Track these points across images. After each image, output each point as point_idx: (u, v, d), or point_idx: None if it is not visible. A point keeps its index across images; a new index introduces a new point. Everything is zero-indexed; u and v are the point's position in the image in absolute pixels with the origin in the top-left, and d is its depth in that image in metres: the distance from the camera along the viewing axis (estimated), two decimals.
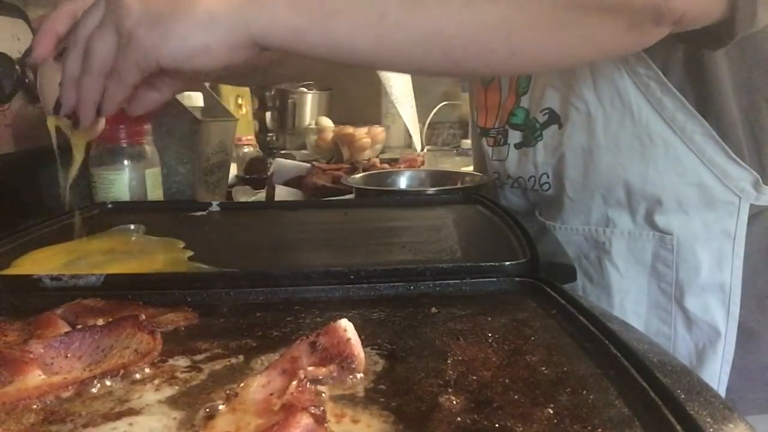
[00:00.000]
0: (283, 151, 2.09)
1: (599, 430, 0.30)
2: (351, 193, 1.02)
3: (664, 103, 0.69)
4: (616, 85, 0.70)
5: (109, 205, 0.85)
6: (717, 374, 0.71)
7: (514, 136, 0.82)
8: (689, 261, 0.71)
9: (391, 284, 0.51)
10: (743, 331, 0.71)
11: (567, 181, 0.77)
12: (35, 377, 0.36)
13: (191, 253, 0.62)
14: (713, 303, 0.71)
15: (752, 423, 0.31)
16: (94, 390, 0.35)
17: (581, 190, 0.76)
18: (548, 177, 0.79)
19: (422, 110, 2.21)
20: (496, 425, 0.31)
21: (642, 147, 0.71)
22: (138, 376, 0.37)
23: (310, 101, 2.35)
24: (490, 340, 0.41)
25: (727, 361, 0.71)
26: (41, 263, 0.59)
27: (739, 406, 0.68)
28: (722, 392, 0.72)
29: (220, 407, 0.32)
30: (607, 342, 0.39)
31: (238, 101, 1.80)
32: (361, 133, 1.84)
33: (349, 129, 1.86)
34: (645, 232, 0.73)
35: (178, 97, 1.07)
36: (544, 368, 0.37)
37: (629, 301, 0.74)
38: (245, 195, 1.39)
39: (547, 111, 0.77)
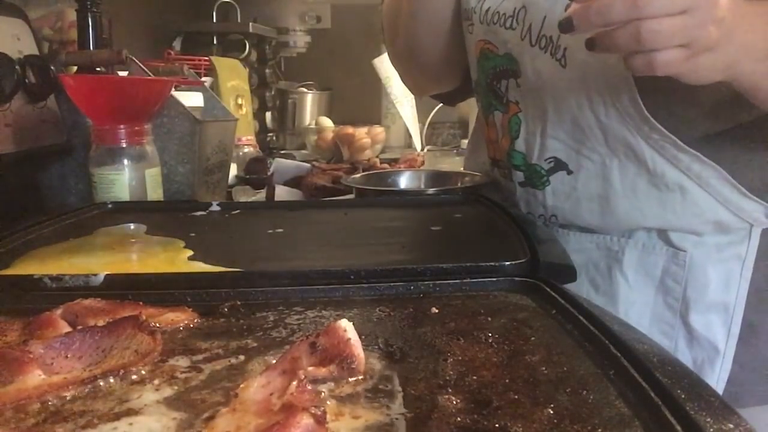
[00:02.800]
0: (283, 151, 2.09)
1: (599, 430, 0.30)
2: (351, 193, 1.02)
3: (680, 158, 0.69)
4: (628, 143, 0.70)
5: (109, 205, 0.85)
6: (714, 387, 0.71)
7: (517, 176, 0.81)
8: (699, 279, 0.71)
9: (391, 284, 0.51)
10: (744, 325, 0.72)
11: (582, 221, 0.76)
12: (35, 377, 0.36)
13: (191, 253, 0.62)
14: (716, 322, 0.72)
15: (754, 414, 0.31)
16: (94, 390, 0.35)
17: (598, 229, 0.76)
18: (557, 218, 0.78)
19: (422, 110, 2.21)
20: (496, 425, 0.31)
21: (659, 193, 0.71)
22: (138, 376, 0.37)
23: (310, 101, 2.35)
24: (490, 340, 0.41)
25: (723, 380, 0.72)
26: (41, 263, 0.59)
27: (741, 398, 0.72)
28: (723, 380, 0.72)
29: (220, 407, 0.32)
30: (607, 342, 0.39)
31: (238, 101, 1.80)
32: (361, 133, 1.84)
33: (349, 129, 1.86)
34: (659, 246, 0.73)
35: (178, 97, 1.07)
36: (544, 368, 0.37)
37: (633, 312, 0.74)
38: (245, 195, 1.39)
39: (552, 159, 0.76)
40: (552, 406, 0.33)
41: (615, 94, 0.68)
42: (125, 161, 0.88)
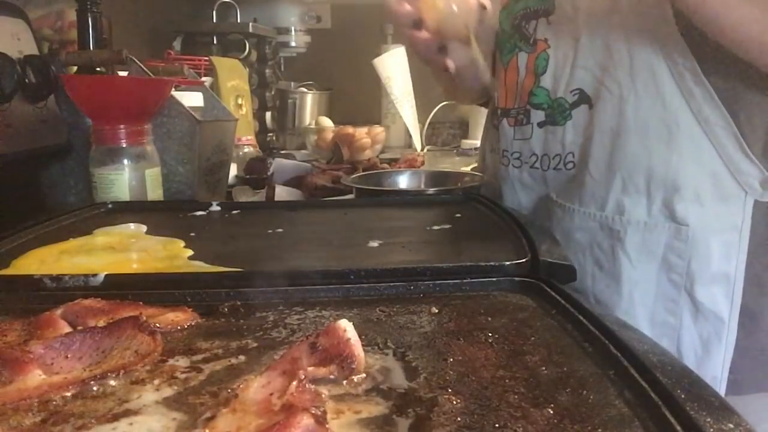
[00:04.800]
0: (283, 151, 2.09)
1: (599, 430, 0.30)
2: (351, 193, 1.02)
3: (694, 93, 0.71)
4: (652, 70, 0.72)
5: (109, 205, 0.85)
6: (721, 362, 0.73)
7: (537, 116, 0.83)
8: (702, 251, 0.73)
9: (391, 284, 0.51)
10: (744, 312, 0.74)
11: (592, 160, 0.78)
12: (35, 377, 0.36)
13: (191, 253, 0.62)
14: (719, 293, 0.73)
15: (755, 401, 0.31)
16: (94, 390, 0.35)
17: (605, 171, 0.77)
18: (574, 156, 0.80)
19: (422, 110, 2.21)
20: (496, 425, 0.31)
21: (668, 133, 0.73)
22: (138, 376, 0.37)
23: (310, 101, 2.35)
24: (490, 340, 0.41)
25: (730, 351, 0.73)
26: (41, 263, 0.59)
27: (742, 385, 0.73)
28: (725, 381, 0.74)
29: (221, 408, 0.32)
30: (607, 342, 0.39)
31: (238, 101, 1.80)
32: (361, 133, 1.84)
33: (349, 129, 1.86)
34: (660, 223, 0.74)
35: (178, 97, 1.07)
36: (544, 368, 0.37)
37: (638, 291, 0.76)
38: (245, 195, 1.39)
39: (577, 91, 0.78)
40: (552, 406, 0.33)
41: (647, 13, 0.71)
42: (125, 161, 0.88)
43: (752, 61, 0.68)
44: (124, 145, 0.88)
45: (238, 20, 2.13)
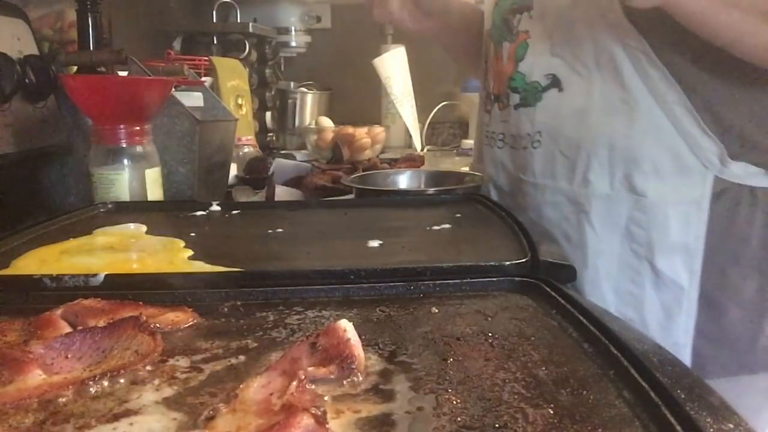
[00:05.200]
0: (283, 151, 2.09)
1: (599, 430, 0.30)
2: (351, 193, 1.02)
3: (650, 74, 0.76)
4: (612, 55, 0.78)
5: (109, 205, 0.85)
6: (684, 329, 0.78)
7: (514, 99, 0.90)
8: (660, 222, 0.78)
9: (391, 284, 0.51)
10: (707, 300, 0.78)
11: (561, 138, 0.84)
12: (35, 377, 0.36)
13: (191, 253, 0.62)
14: (679, 263, 0.78)
15: (718, 386, 0.32)
16: (94, 390, 0.35)
17: (572, 148, 0.83)
18: (541, 135, 0.86)
19: (422, 110, 2.21)
20: (496, 425, 0.31)
21: (629, 110, 0.78)
22: (138, 376, 0.37)
23: (310, 101, 2.35)
24: (490, 340, 0.41)
25: (692, 318, 0.78)
26: (41, 263, 0.59)
27: (705, 369, 0.78)
28: (689, 350, 0.79)
29: (221, 408, 0.32)
30: (607, 342, 0.39)
31: (238, 101, 1.80)
32: (361, 133, 1.84)
33: (349, 129, 1.86)
34: (622, 195, 0.79)
35: (178, 97, 1.07)
36: (544, 368, 0.37)
37: (602, 261, 0.81)
38: (245, 195, 1.39)
39: (550, 76, 0.84)
40: (552, 406, 0.33)
41: (604, 7, 0.77)
42: (125, 161, 0.88)
43: (751, 62, 0.71)
44: (124, 145, 0.88)
45: (238, 20, 2.13)
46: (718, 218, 0.77)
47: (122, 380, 0.36)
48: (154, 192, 0.91)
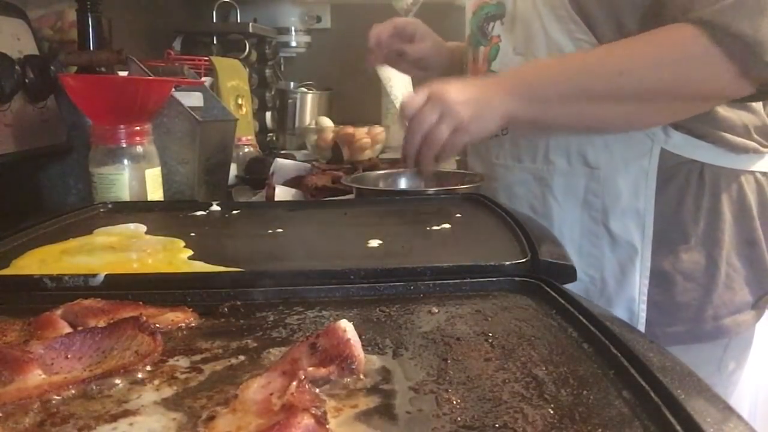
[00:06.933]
0: (283, 151, 2.08)
1: (599, 430, 0.30)
2: (351, 193, 1.02)
3: None
4: (561, 48, 0.87)
5: (109, 205, 0.85)
6: (637, 285, 0.87)
7: None
8: (612, 189, 0.87)
9: (391, 284, 0.51)
10: (658, 273, 0.87)
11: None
12: (36, 377, 0.36)
13: (191, 253, 0.62)
14: (631, 225, 0.87)
15: (674, 352, 0.35)
16: (94, 390, 0.35)
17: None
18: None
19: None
20: (496, 425, 0.31)
21: None
22: (138, 376, 0.37)
23: (310, 101, 2.35)
24: (490, 340, 0.41)
25: (645, 276, 0.87)
26: (41, 263, 0.59)
27: (657, 338, 0.80)
28: (644, 304, 0.87)
29: (221, 408, 0.32)
30: (607, 342, 0.39)
31: (238, 101, 1.80)
32: (361, 133, 1.84)
33: (349, 129, 1.86)
34: (579, 169, 0.89)
35: (178, 97, 1.07)
36: (544, 368, 0.37)
37: (566, 228, 0.90)
38: (245, 195, 1.39)
39: None
40: (552, 406, 0.33)
41: (555, 8, 0.87)
42: (125, 161, 0.88)
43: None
44: (124, 145, 0.88)
45: (238, 20, 2.13)
46: (669, 197, 0.86)
47: (122, 380, 0.36)
48: (154, 192, 0.91)
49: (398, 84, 2.04)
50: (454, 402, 0.33)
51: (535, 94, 0.83)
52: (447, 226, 0.71)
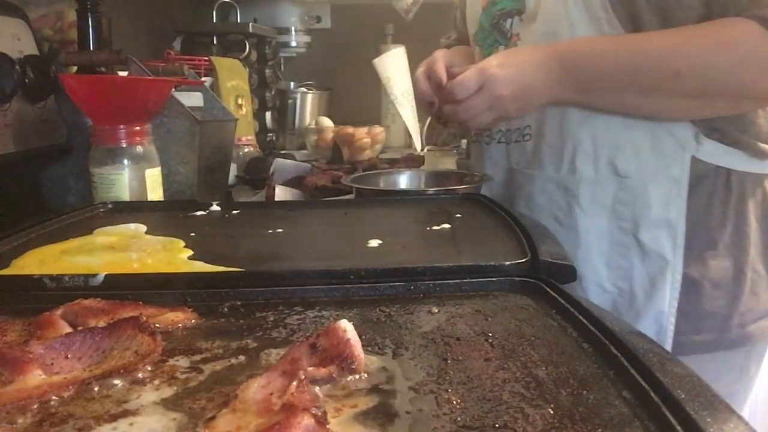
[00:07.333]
0: (283, 151, 2.08)
1: (599, 430, 0.30)
2: (351, 193, 1.02)
3: None
4: None
5: (109, 205, 0.85)
6: (667, 297, 0.85)
7: None
8: (643, 200, 0.84)
9: (391, 284, 0.51)
10: (687, 280, 0.84)
11: (547, 131, 0.90)
12: (35, 377, 0.36)
13: (191, 253, 0.62)
14: (662, 236, 0.84)
15: (695, 362, 0.34)
16: (94, 390, 0.35)
17: (558, 138, 0.89)
18: (530, 128, 0.92)
19: (422, 110, 2.21)
20: (496, 425, 0.31)
21: None
22: (138, 376, 0.37)
23: (310, 101, 2.35)
24: (490, 340, 0.41)
25: (676, 289, 0.84)
26: (41, 263, 0.59)
27: (684, 346, 0.83)
28: (673, 317, 0.85)
29: (221, 408, 0.32)
30: (607, 342, 0.39)
31: (238, 101, 1.80)
32: (361, 133, 1.84)
33: (349, 129, 1.86)
34: (607, 178, 0.86)
35: (178, 97, 1.07)
36: (544, 368, 0.37)
37: (593, 239, 0.88)
38: (245, 195, 1.39)
39: None
40: (552, 406, 0.33)
41: (593, 7, 0.83)
42: (125, 161, 0.88)
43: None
44: (124, 145, 0.88)
45: (238, 20, 2.13)
46: (697, 204, 0.84)
47: (122, 380, 0.36)
48: (154, 192, 0.91)
49: (398, 84, 2.04)
50: (454, 402, 0.33)
51: (585, 85, 0.81)
52: (447, 226, 0.71)
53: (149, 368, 0.38)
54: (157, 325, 0.44)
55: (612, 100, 0.83)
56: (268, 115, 2.16)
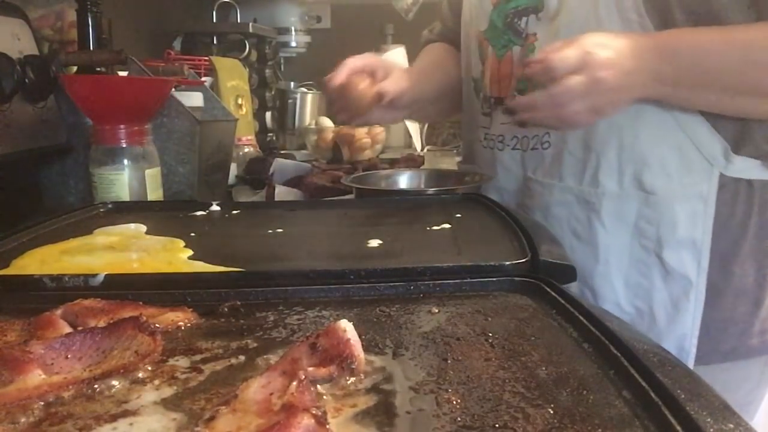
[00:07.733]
0: (283, 151, 2.08)
1: (599, 430, 0.30)
2: (351, 193, 1.02)
3: None
4: None
5: (109, 205, 0.85)
6: (690, 320, 0.81)
7: None
8: (668, 218, 0.80)
9: (391, 284, 0.51)
10: (709, 287, 0.80)
11: (570, 140, 0.85)
12: (35, 377, 0.36)
13: (191, 253, 0.62)
14: (687, 257, 0.80)
15: (716, 371, 0.33)
16: (94, 390, 0.35)
17: (581, 149, 0.84)
18: (549, 136, 0.87)
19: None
20: (496, 425, 0.31)
21: (636, 113, 0.79)
22: (138, 376, 0.37)
23: (310, 101, 2.35)
24: (490, 340, 0.41)
25: (699, 310, 0.80)
26: (41, 263, 0.59)
27: (707, 355, 0.80)
28: (695, 339, 0.81)
29: (221, 408, 0.32)
30: (607, 342, 0.39)
31: (238, 101, 1.80)
32: (361, 133, 1.84)
33: (349, 129, 1.86)
34: (631, 193, 0.81)
35: (178, 97, 1.07)
36: (544, 368, 0.37)
37: (613, 256, 0.83)
38: (245, 195, 1.39)
39: None
40: (552, 406, 0.33)
41: (625, 10, 0.78)
42: (125, 161, 0.88)
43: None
44: (124, 145, 0.88)
45: (238, 20, 2.13)
46: (720, 210, 0.80)
47: (122, 380, 0.36)
48: (154, 192, 0.91)
49: None
50: (454, 402, 0.33)
51: (686, 83, 0.74)
52: (447, 226, 0.71)
53: (149, 368, 0.38)
54: (157, 325, 0.44)
55: (707, 98, 0.75)
56: (268, 115, 2.16)
